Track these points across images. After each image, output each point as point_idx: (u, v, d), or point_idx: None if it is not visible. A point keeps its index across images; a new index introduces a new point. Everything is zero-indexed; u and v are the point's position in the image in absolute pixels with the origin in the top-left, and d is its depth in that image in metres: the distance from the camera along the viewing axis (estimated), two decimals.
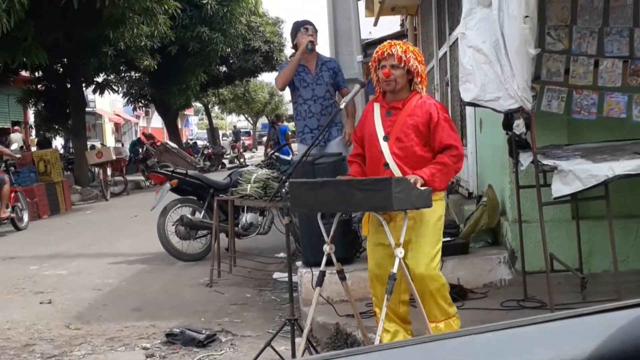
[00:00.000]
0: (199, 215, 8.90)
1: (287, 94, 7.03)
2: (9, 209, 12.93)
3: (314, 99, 6.66)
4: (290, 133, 19.32)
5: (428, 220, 4.13)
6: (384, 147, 4.24)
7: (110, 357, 5.35)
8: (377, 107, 4.37)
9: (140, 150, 23.85)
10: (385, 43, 4.32)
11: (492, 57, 4.81)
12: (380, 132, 4.27)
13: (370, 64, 4.43)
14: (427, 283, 4.16)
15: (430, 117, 4.19)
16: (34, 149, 22.41)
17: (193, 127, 68.02)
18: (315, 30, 6.79)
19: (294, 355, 4.50)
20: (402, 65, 4.19)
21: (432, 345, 0.98)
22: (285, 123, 20.46)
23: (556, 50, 5.53)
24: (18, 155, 15.20)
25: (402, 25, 18.11)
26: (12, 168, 14.46)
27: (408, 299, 4.43)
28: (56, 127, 22.20)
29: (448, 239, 6.11)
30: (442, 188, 4.24)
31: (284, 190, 5.66)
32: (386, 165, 4.22)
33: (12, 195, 13.12)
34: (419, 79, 4.27)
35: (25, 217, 13.52)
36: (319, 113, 6.69)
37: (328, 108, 6.67)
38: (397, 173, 4.16)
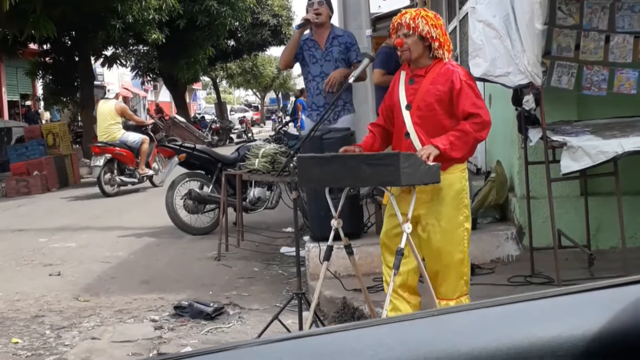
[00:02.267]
0: (207, 190, 8.92)
1: (294, 69, 6.86)
2: (149, 168, 14.12)
3: (322, 75, 6.41)
4: (301, 106, 19.51)
5: (445, 195, 4.05)
6: (406, 115, 4.11)
7: (119, 328, 5.40)
8: (403, 75, 4.22)
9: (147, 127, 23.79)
10: (399, 13, 4.22)
11: (502, 31, 4.77)
12: (403, 101, 4.14)
13: (390, 35, 4.34)
14: (441, 257, 4.13)
15: (452, 84, 4.00)
16: (43, 121, 22.48)
17: (201, 102, 67.90)
18: (321, 3, 6.39)
19: (301, 329, 4.52)
20: (412, 32, 4.03)
21: (441, 318, 0.98)
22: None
23: (567, 25, 5.48)
24: (149, 122, 16.04)
25: None
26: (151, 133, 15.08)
27: (416, 271, 4.40)
28: (64, 99, 22.22)
29: None
30: (462, 158, 4.08)
31: (292, 165, 5.66)
32: (407, 134, 4.11)
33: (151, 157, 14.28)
34: (437, 44, 4.05)
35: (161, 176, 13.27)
36: (327, 90, 6.52)
37: (336, 85, 6.48)
38: (416, 143, 4.04)
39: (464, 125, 3.97)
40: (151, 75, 30.38)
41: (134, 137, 13.82)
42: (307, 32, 6.55)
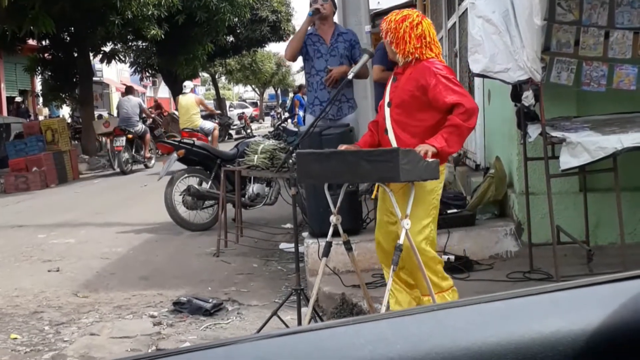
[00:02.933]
0: (206, 186, 8.92)
1: (295, 64, 6.88)
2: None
3: (327, 70, 6.46)
4: (298, 102, 19.80)
5: (416, 192, 4.04)
6: (387, 112, 4.26)
7: (118, 324, 5.40)
8: (393, 75, 4.39)
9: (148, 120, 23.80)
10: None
11: (501, 27, 4.77)
12: (387, 98, 4.30)
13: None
14: (411, 255, 4.12)
15: (426, 81, 4.09)
16: (41, 117, 22.46)
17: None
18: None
19: (300, 325, 4.52)
20: (388, 39, 4.22)
21: (440, 313, 0.98)
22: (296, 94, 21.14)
23: (566, 21, 5.47)
24: (217, 111, 18.60)
25: None
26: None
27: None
28: (63, 96, 22.20)
29: (454, 210, 6.12)
30: (457, 150, 4.26)
31: (291, 161, 5.66)
32: (386, 131, 4.24)
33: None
34: (419, 44, 4.14)
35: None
36: (328, 86, 6.54)
37: (340, 81, 6.48)
38: (392, 138, 4.16)
39: (453, 119, 4.04)
40: (150, 71, 30.31)
41: (209, 125, 16.07)
42: (310, 27, 6.58)
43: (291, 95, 20.57)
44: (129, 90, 18.94)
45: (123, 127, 17.14)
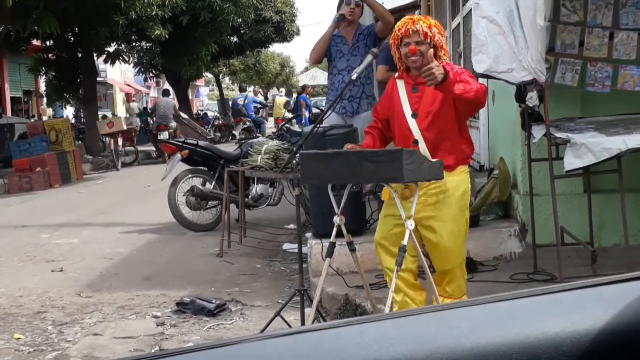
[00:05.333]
0: (209, 186, 8.92)
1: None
2: None
3: (348, 69, 6.51)
4: (304, 102, 21.24)
5: (451, 196, 4.09)
6: (412, 124, 4.15)
7: (121, 324, 5.40)
8: (401, 84, 4.25)
9: (151, 120, 23.84)
10: (406, 19, 4.20)
11: (505, 27, 4.76)
12: (408, 110, 4.17)
13: (390, 41, 4.35)
14: (450, 257, 4.16)
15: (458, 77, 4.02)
16: (45, 118, 22.48)
17: (204, 98, 67.82)
18: (357, 5, 6.68)
19: (303, 325, 4.52)
20: (428, 40, 4.07)
21: (445, 313, 0.98)
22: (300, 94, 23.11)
23: (571, 22, 5.46)
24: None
25: None
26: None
27: (416, 268, 4.41)
28: (67, 96, 22.22)
29: None
30: (456, 93, 3.91)
31: (294, 161, 5.65)
32: (415, 142, 4.14)
33: None
34: (443, 52, 4.15)
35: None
36: (352, 84, 6.56)
37: (362, 79, 6.52)
38: (423, 149, 4.08)
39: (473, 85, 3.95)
40: (154, 71, 30.31)
41: (289, 115, 20.82)
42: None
43: (295, 95, 21.32)
44: (165, 93, 22.71)
45: (165, 123, 20.07)
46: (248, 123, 24.60)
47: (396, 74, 4.36)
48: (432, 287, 4.08)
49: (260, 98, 31.25)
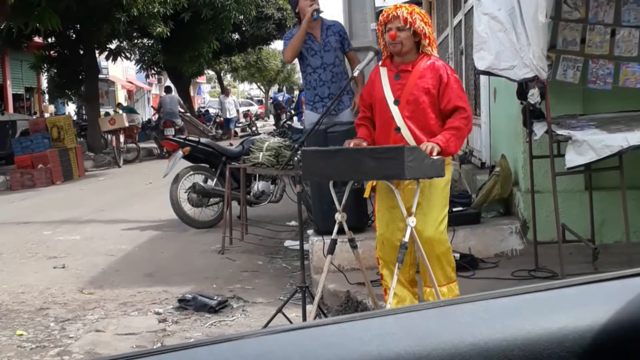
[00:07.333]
0: (211, 183, 8.92)
1: (298, 63, 6.83)
2: None
3: (324, 66, 6.45)
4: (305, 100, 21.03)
5: (437, 185, 4.14)
6: (395, 111, 4.21)
7: (123, 321, 5.40)
8: (384, 71, 4.32)
9: (153, 117, 23.87)
10: (391, 6, 4.28)
11: (507, 24, 4.75)
12: (390, 97, 4.24)
13: (377, 27, 4.39)
14: (434, 246, 4.20)
15: (440, 78, 4.17)
16: (47, 115, 22.51)
17: (205, 95, 67.83)
18: None
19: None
20: (408, 27, 4.15)
21: (447, 309, 0.98)
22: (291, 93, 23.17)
23: (572, 19, 5.46)
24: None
25: None
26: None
27: (415, 261, 4.46)
28: (69, 93, 22.23)
29: (460, 208, 6.11)
30: (456, 152, 4.28)
31: (296, 158, 5.66)
32: (397, 129, 4.21)
33: None
34: (427, 41, 4.21)
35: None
36: (330, 81, 6.47)
37: (338, 75, 6.48)
38: (407, 136, 4.15)
39: (454, 122, 4.13)
40: (155, 68, 30.32)
41: None
42: (294, 28, 6.62)
43: (296, 92, 21.47)
44: (168, 89, 22.56)
45: (171, 120, 20.33)
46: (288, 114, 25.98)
47: (380, 62, 4.43)
48: (432, 280, 4.09)
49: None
